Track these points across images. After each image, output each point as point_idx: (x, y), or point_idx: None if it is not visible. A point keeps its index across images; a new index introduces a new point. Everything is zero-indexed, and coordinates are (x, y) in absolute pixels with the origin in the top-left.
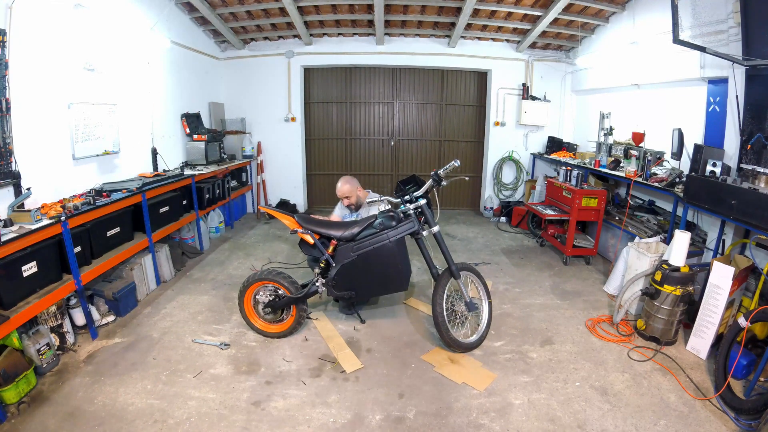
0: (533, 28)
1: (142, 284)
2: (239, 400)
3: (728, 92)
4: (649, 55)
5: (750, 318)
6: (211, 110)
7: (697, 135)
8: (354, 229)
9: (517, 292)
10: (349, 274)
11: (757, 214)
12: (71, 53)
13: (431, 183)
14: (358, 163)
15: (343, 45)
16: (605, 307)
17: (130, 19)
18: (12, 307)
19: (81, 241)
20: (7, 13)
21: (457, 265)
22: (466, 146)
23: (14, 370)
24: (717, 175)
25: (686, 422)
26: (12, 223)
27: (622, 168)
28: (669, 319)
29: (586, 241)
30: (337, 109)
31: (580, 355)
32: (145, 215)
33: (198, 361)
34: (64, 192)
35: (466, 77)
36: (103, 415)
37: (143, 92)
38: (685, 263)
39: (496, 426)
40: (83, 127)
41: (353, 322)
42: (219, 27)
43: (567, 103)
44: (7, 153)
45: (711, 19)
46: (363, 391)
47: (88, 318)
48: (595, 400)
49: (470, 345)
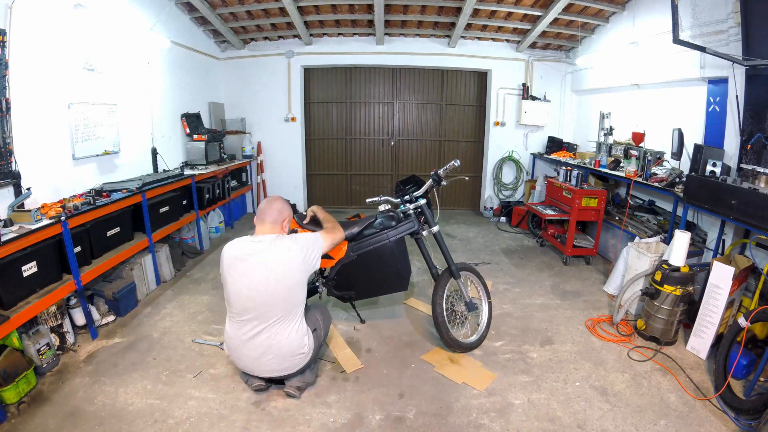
0: (533, 28)
1: (142, 284)
2: (239, 400)
3: (728, 92)
4: (649, 55)
5: (750, 318)
6: (211, 110)
7: (697, 135)
8: (354, 229)
9: (517, 292)
10: (349, 274)
11: (757, 214)
12: (71, 53)
13: (431, 183)
14: (358, 163)
15: (343, 45)
16: (605, 307)
17: (130, 19)
18: (12, 307)
19: (81, 241)
20: (7, 13)
21: (457, 265)
22: (466, 146)
23: (14, 370)
24: (717, 175)
25: (686, 422)
26: (12, 223)
27: (622, 168)
28: (669, 319)
29: (586, 241)
30: (337, 109)
31: (580, 355)
32: (145, 215)
33: (198, 361)
34: (64, 192)
35: (466, 77)
36: (103, 415)
37: (143, 92)
38: (685, 263)
39: (496, 426)
40: (83, 127)
41: (353, 322)
42: (219, 27)
43: (567, 103)
44: (7, 153)
45: (711, 19)
46: (363, 391)
47: (88, 318)
48: (595, 400)
49: (470, 345)
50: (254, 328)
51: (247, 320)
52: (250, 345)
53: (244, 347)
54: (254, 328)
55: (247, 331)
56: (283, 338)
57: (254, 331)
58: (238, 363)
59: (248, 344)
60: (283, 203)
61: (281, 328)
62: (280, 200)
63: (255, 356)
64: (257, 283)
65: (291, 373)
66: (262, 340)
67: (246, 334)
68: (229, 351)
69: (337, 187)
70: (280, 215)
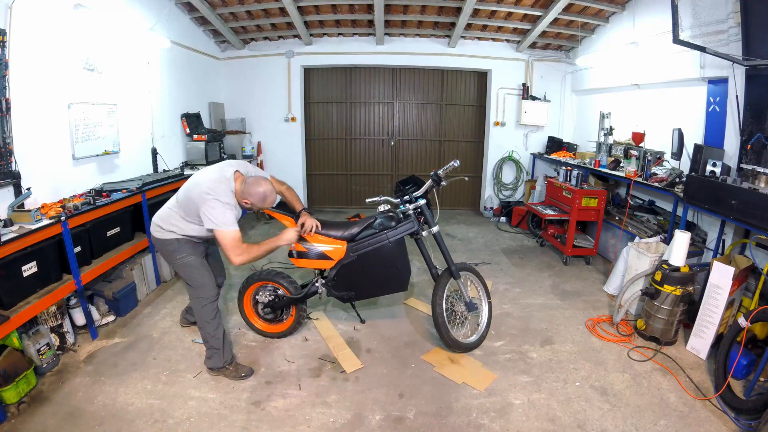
0: (533, 28)
1: (142, 284)
2: (239, 400)
3: (728, 92)
4: (649, 55)
5: (750, 318)
6: (211, 110)
7: (697, 135)
8: (353, 230)
9: (517, 292)
10: (349, 275)
11: (757, 214)
12: (71, 53)
13: (431, 183)
14: (358, 163)
15: (343, 45)
16: (605, 307)
17: (130, 19)
18: (12, 307)
19: (81, 241)
20: (7, 13)
21: (457, 266)
22: (466, 146)
23: (14, 370)
24: (717, 175)
25: (686, 422)
26: (12, 223)
27: (622, 168)
28: (669, 319)
29: (586, 241)
30: (337, 109)
31: (580, 355)
32: (145, 215)
33: (198, 360)
34: (64, 192)
35: (466, 77)
36: (103, 415)
37: (143, 92)
38: (685, 263)
39: (496, 426)
40: (83, 127)
41: (353, 322)
42: (219, 27)
43: (567, 103)
44: (7, 153)
45: (711, 19)
46: (363, 391)
47: (88, 318)
48: (595, 400)
49: (470, 345)
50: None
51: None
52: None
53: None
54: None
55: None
56: (165, 208)
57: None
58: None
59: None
60: (260, 196)
61: (174, 211)
62: (262, 192)
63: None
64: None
65: (160, 236)
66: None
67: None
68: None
69: (337, 187)
70: (249, 196)
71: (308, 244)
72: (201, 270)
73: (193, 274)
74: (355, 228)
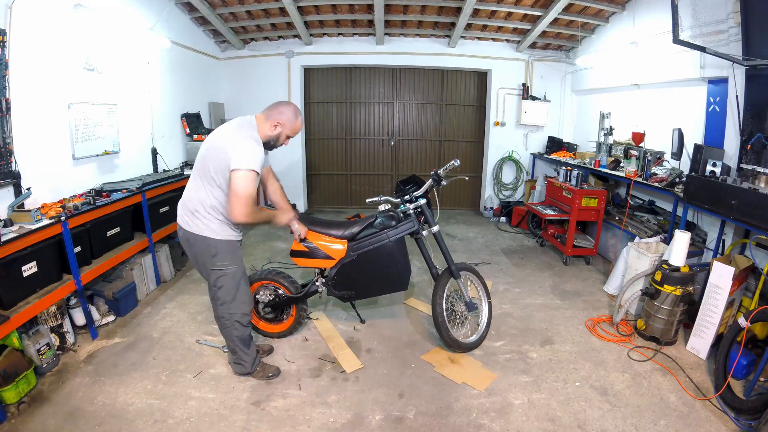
0: (533, 28)
1: (142, 284)
2: (239, 400)
3: (728, 92)
4: (649, 55)
5: (750, 318)
6: (211, 110)
7: (697, 135)
8: (354, 229)
9: (517, 292)
10: (349, 274)
11: (757, 214)
12: (71, 53)
13: (431, 183)
14: (358, 163)
15: (343, 45)
16: (605, 307)
17: (130, 19)
18: (12, 307)
19: (81, 241)
20: (7, 13)
21: (457, 265)
22: (466, 146)
23: (14, 370)
24: (717, 175)
25: (686, 422)
26: (12, 223)
27: (622, 168)
28: (669, 319)
29: (586, 241)
30: (337, 109)
31: (580, 355)
32: (145, 215)
33: (198, 360)
34: (64, 192)
35: (466, 77)
36: (103, 415)
37: (143, 92)
38: (685, 263)
39: (496, 426)
40: (83, 127)
41: (353, 322)
42: (219, 27)
43: (567, 103)
44: (7, 153)
45: (711, 19)
46: (363, 391)
47: (88, 318)
48: (595, 400)
49: (470, 345)
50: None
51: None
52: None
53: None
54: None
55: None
56: (193, 191)
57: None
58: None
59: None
60: (292, 111)
61: (195, 184)
62: (293, 107)
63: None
64: (203, 147)
65: (191, 230)
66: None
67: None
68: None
69: (337, 187)
70: (279, 115)
71: (309, 243)
72: (243, 284)
73: (232, 288)
74: (355, 227)
